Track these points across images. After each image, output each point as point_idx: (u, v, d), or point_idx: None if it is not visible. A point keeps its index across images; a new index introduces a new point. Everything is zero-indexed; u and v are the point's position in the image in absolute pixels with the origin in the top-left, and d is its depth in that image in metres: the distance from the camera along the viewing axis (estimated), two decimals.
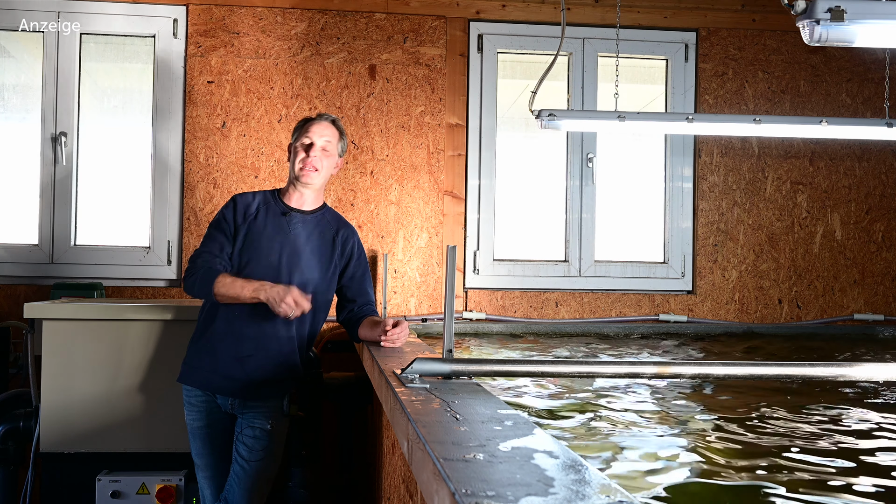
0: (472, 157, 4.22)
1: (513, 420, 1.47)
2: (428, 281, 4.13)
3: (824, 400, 2.68)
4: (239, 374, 2.77)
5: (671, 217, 4.34)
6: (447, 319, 1.91)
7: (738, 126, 3.49)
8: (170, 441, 3.17)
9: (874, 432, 2.25)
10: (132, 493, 3.07)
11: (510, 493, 1.01)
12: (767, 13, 4.36)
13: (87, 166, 4.07)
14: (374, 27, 4.13)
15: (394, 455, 2.38)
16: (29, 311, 3.14)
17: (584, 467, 1.15)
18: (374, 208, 4.12)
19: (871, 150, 4.43)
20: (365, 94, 4.12)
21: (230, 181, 4.02)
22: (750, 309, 4.32)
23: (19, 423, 3.24)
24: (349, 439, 3.76)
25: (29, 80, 4.10)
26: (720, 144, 4.35)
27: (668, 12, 4.32)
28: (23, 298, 3.83)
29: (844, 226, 4.41)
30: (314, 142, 2.80)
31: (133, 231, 4.10)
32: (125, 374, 3.18)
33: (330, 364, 3.89)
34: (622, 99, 3.55)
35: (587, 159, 4.28)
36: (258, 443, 2.80)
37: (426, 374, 1.89)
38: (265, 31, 4.07)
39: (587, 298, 4.24)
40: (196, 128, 4.03)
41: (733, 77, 4.35)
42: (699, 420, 2.38)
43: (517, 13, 4.24)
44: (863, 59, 4.39)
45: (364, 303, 2.90)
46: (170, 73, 4.04)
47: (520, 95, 4.38)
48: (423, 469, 1.26)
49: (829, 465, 1.88)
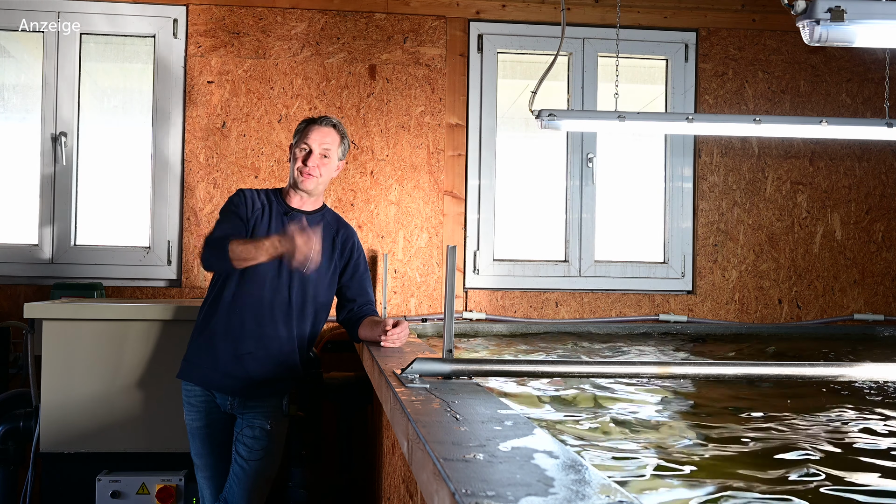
0: (472, 157, 4.22)
1: (513, 420, 1.47)
2: (428, 281, 4.13)
3: (825, 401, 2.69)
4: (239, 372, 2.78)
5: (671, 217, 4.34)
6: (447, 319, 1.91)
7: (738, 126, 3.49)
8: (170, 441, 3.17)
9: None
10: (132, 493, 3.07)
11: (510, 493, 1.01)
12: (767, 13, 4.36)
13: (87, 166, 4.07)
14: (374, 27, 4.13)
15: (394, 455, 2.38)
16: (29, 311, 3.14)
17: (584, 467, 1.15)
18: (374, 208, 4.12)
19: (871, 150, 4.43)
20: (365, 94, 4.12)
21: (230, 181, 4.02)
22: (750, 309, 4.32)
23: (19, 423, 3.25)
24: (349, 439, 3.76)
25: (29, 80, 4.11)
26: (720, 144, 4.35)
27: (668, 12, 4.32)
28: (23, 298, 3.83)
29: (844, 226, 4.41)
30: (313, 149, 2.80)
31: (133, 231, 4.10)
32: (125, 374, 3.18)
33: (330, 364, 3.89)
34: (622, 99, 3.55)
35: (587, 159, 4.28)
36: (258, 443, 2.81)
37: (426, 374, 1.89)
38: (265, 31, 4.07)
39: (587, 298, 4.24)
40: (196, 128, 4.03)
41: (733, 77, 4.35)
42: (699, 420, 2.38)
43: (517, 13, 4.24)
44: (863, 59, 4.39)
45: (364, 303, 2.90)
46: (170, 73, 4.04)
47: (520, 95, 4.38)
48: (423, 469, 1.26)
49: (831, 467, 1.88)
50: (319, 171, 2.82)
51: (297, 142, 2.85)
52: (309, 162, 2.80)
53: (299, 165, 2.81)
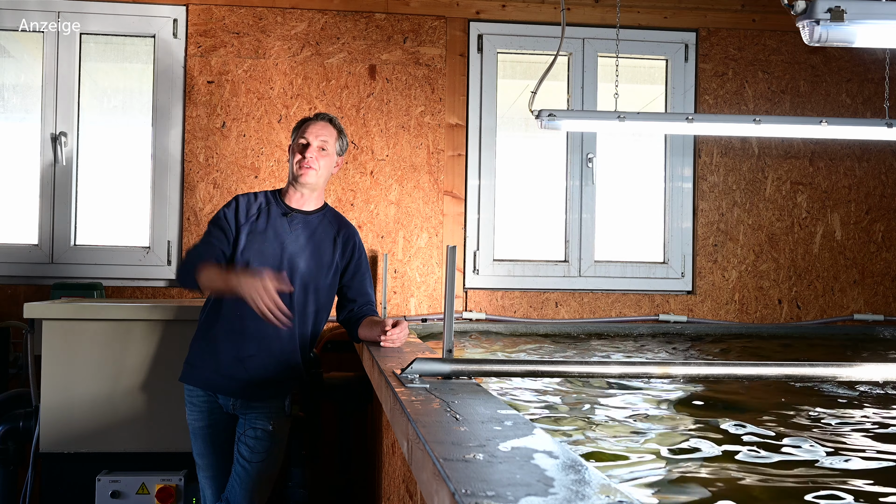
0: (472, 157, 4.22)
1: (513, 420, 1.47)
2: (428, 281, 4.13)
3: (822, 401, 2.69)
4: (241, 374, 2.77)
5: (671, 217, 4.34)
6: (447, 319, 1.91)
7: (738, 126, 3.49)
8: (170, 441, 3.17)
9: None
10: (132, 493, 3.07)
11: (510, 494, 1.01)
12: (767, 13, 4.36)
13: (87, 166, 4.07)
14: (374, 27, 4.13)
15: (394, 455, 2.38)
16: (29, 311, 3.14)
17: (584, 467, 1.15)
18: (374, 208, 4.12)
19: (871, 150, 4.43)
20: (365, 94, 4.12)
21: (230, 181, 4.02)
22: (750, 309, 4.32)
23: (19, 423, 3.24)
24: (349, 439, 3.76)
25: (29, 80, 4.10)
26: (720, 144, 4.35)
27: (667, 12, 4.32)
28: (23, 298, 3.83)
29: (844, 226, 4.41)
30: (310, 142, 2.81)
31: (133, 231, 4.10)
32: (125, 373, 3.18)
33: (330, 364, 3.89)
34: (622, 99, 3.55)
35: (587, 159, 4.28)
36: (260, 444, 2.80)
37: (426, 374, 1.89)
38: (265, 31, 4.07)
39: (587, 298, 4.24)
40: (196, 128, 4.03)
41: (733, 77, 4.35)
42: (698, 420, 2.38)
43: (517, 13, 4.24)
44: (863, 59, 4.39)
45: (364, 303, 2.90)
46: (170, 73, 4.04)
47: (520, 95, 4.38)
48: (423, 469, 1.26)
49: (833, 469, 1.88)
50: (318, 162, 2.81)
51: (295, 138, 2.86)
52: (307, 154, 2.80)
53: (298, 158, 2.81)
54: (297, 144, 2.83)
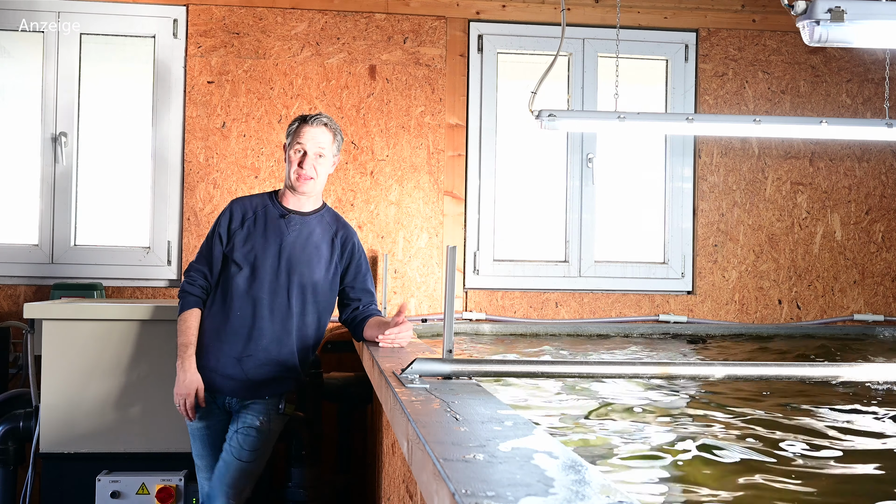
0: (472, 158, 4.22)
1: (513, 420, 1.47)
2: (428, 281, 4.13)
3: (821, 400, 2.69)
4: (239, 374, 2.78)
5: (671, 217, 4.34)
6: (447, 319, 1.91)
7: (738, 126, 3.49)
8: (170, 441, 3.17)
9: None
10: (132, 494, 3.07)
11: (510, 494, 1.01)
12: (767, 13, 4.36)
13: (87, 166, 4.07)
14: (374, 27, 4.13)
15: (394, 455, 2.38)
16: (29, 311, 3.14)
17: (584, 467, 1.15)
18: (374, 208, 4.12)
19: (871, 150, 4.43)
20: (365, 95, 4.12)
21: (230, 181, 4.03)
22: (750, 309, 4.32)
23: (19, 423, 3.24)
24: (349, 439, 3.76)
25: (29, 80, 4.10)
26: (720, 145, 4.35)
27: (668, 12, 4.32)
28: (23, 298, 3.83)
29: (844, 226, 4.41)
30: (306, 151, 2.80)
31: (133, 231, 4.10)
32: (125, 374, 3.18)
33: (330, 364, 3.88)
34: (622, 99, 3.55)
35: (587, 159, 4.28)
36: (250, 441, 2.79)
37: (426, 374, 1.89)
38: (265, 32, 4.07)
39: (587, 299, 4.24)
40: (196, 128, 4.03)
41: (733, 77, 4.35)
42: (698, 420, 2.38)
43: (517, 13, 4.24)
44: (863, 59, 4.39)
45: (368, 302, 2.90)
46: (170, 73, 4.04)
47: (520, 96, 4.37)
48: (423, 469, 1.26)
49: (832, 467, 1.88)
50: (316, 171, 2.81)
51: (291, 142, 2.83)
52: (304, 164, 2.79)
53: (295, 168, 2.81)
54: (293, 151, 2.82)
